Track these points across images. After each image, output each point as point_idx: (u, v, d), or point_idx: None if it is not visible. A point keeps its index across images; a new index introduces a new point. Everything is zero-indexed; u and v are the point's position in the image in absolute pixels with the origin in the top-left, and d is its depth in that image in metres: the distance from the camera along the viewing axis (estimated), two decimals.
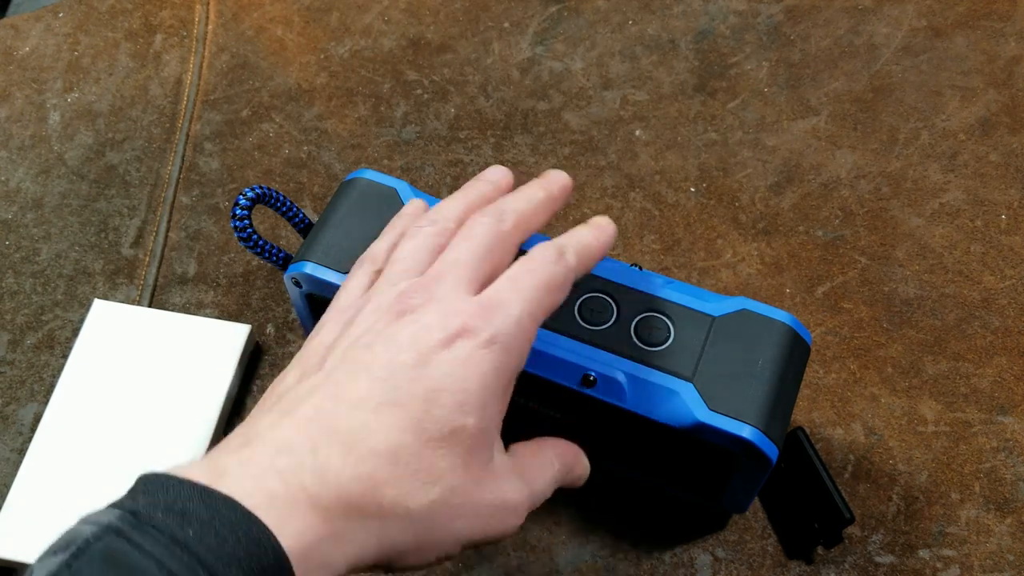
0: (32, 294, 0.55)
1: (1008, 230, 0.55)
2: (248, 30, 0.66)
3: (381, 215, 0.42)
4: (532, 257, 0.34)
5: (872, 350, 0.51)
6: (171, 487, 0.27)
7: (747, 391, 0.38)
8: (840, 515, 0.42)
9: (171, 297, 0.54)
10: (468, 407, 0.31)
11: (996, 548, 0.45)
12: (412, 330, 0.32)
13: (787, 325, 0.40)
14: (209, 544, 0.26)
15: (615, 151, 0.59)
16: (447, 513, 0.31)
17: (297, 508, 0.28)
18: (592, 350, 0.40)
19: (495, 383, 0.32)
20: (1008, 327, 0.51)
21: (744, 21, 0.65)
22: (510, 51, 0.64)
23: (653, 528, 0.46)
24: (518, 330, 0.32)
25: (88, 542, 0.25)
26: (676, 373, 0.39)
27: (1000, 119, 0.59)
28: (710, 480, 0.42)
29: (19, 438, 0.49)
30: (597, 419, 0.41)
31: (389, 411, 0.30)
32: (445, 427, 0.30)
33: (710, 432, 0.38)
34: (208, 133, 0.61)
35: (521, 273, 0.34)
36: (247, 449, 0.30)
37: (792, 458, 0.45)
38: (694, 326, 0.40)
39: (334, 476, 0.29)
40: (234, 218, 0.44)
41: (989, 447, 0.47)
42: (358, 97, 0.62)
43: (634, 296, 0.41)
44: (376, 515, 0.29)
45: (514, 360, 0.32)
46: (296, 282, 0.44)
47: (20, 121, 0.62)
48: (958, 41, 0.63)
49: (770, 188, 0.57)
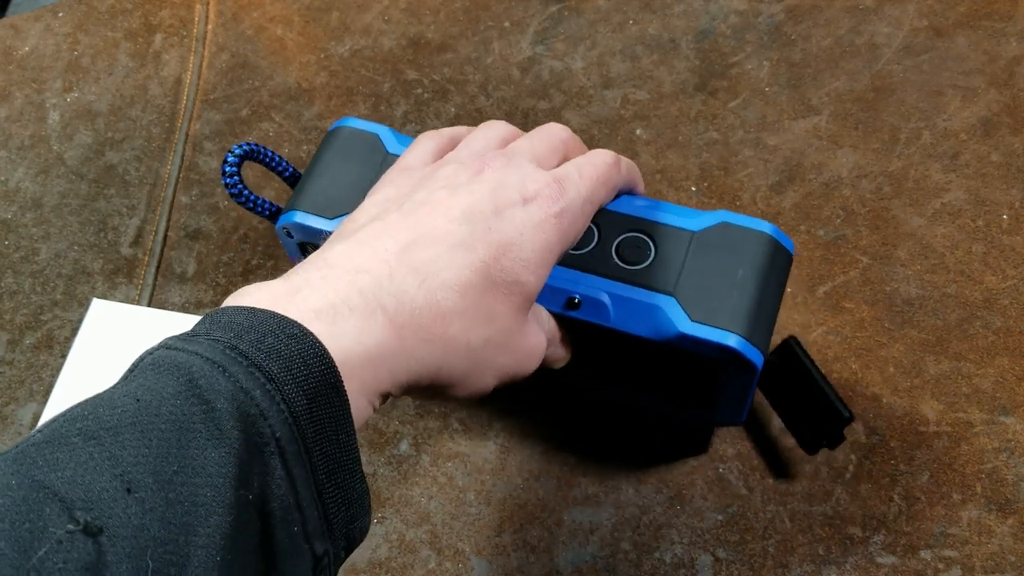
0: (31, 294, 0.54)
1: (1010, 230, 0.54)
2: (248, 29, 0.66)
3: (365, 161, 0.45)
4: (593, 153, 0.38)
5: (873, 350, 0.50)
6: (221, 311, 0.30)
7: (729, 301, 0.39)
8: (839, 414, 0.43)
9: (170, 297, 0.54)
10: (531, 265, 0.34)
11: (998, 549, 0.44)
12: (492, 186, 0.35)
13: (767, 234, 0.41)
14: (250, 340, 0.28)
15: (616, 150, 0.59)
16: (496, 350, 0.34)
17: (375, 319, 0.31)
18: (575, 273, 0.41)
19: (554, 250, 0.35)
20: (1010, 327, 0.51)
21: (745, 20, 0.65)
22: (510, 50, 0.64)
23: (653, 528, 0.46)
24: (582, 210, 0.36)
25: (142, 358, 0.28)
26: (658, 289, 0.40)
27: (1002, 119, 0.59)
28: (700, 395, 0.43)
29: (18, 438, 0.49)
30: (586, 341, 0.42)
31: (463, 252, 0.33)
32: (509, 277, 0.34)
33: (694, 343, 0.39)
34: (208, 133, 0.61)
35: (584, 164, 0.38)
36: (326, 269, 0.32)
37: (788, 367, 0.45)
38: (675, 242, 0.41)
39: (409, 300, 0.32)
40: (224, 175, 0.45)
41: (991, 448, 0.47)
42: (358, 96, 0.62)
43: (615, 218, 0.42)
44: (441, 342, 0.32)
45: (571, 236, 0.36)
46: (288, 232, 0.45)
47: (20, 121, 0.62)
48: (959, 41, 0.63)
49: (771, 187, 0.57)
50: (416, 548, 0.46)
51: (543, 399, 0.49)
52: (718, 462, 0.48)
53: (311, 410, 0.28)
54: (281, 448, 0.27)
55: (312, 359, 0.28)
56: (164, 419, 0.25)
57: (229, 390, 0.26)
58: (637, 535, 0.46)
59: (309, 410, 0.27)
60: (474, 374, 0.34)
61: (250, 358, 0.27)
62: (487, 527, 0.47)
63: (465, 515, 0.47)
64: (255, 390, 0.26)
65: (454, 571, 0.45)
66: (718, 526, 0.46)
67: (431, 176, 0.37)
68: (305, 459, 0.27)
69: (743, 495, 0.46)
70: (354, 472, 0.30)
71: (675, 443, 0.48)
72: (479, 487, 0.48)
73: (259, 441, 0.26)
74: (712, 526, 0.46)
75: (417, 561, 0.46)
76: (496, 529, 0.46)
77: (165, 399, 0.26)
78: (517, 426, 0.49)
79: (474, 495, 0.47)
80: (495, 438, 0.49)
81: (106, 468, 0.24)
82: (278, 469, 0.27)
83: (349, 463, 0.29)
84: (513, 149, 0.37)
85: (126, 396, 0.26)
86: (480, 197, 0.34)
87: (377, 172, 0.45)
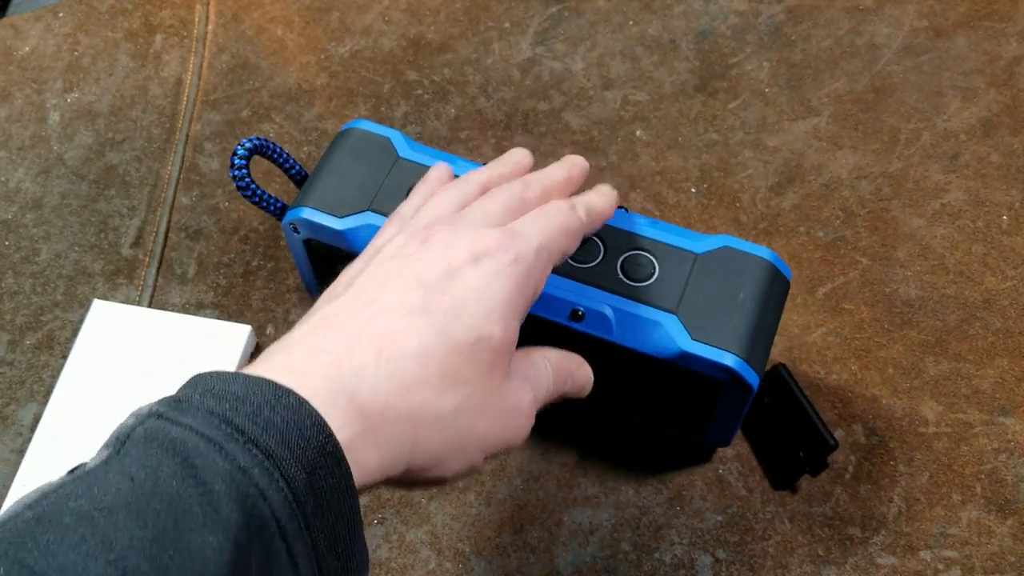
0: (32, 294, 0.54)
1: (1009, 231, 0.54)
2: (248, 30, 0.66)
3: (375, 163, 0.45)
4: (548, 205, 0.37)
5: (873, 351, 0.51)
6: (210, 377, 0.29)
7: (729, 322, 0.40)
8: (824, 442, 0.44)
9: (171, 297, 0.54)
10: (493, 318, 0.33)
11: (997, 549, 0.45)
12: (440, 250, 0.34)
13: (767, 260, 0.42)
14: (246, 413, 0.27)
15: (616, 151, 0.59)
16: (471, 416, 0.32)
17: (337, 403, 0.29)
18: (580, 287, 0.42)
19: (517, 299, 0.34)
20: (1009, 328, 0.51)
21: (745, 21, 0.65)
22: (511, 51, 0.64)
23: (653, 528, 0.46)
24: (537, 257, 0.35)
25: (132, 428, 0.27)
26: (660, 306, 0.41)
27: (1001, 119, 0.59)
28: (695, 412, 0.44)
29: (19, 439, 0.49)
30: (586, 354, 0.42)
31: (419, 318, 0.32)
32: (471, 335, 0.32)
33: (693, 361, 0.40)
34: (208, 133, 0.61)
35: (539, 214, 0.37)
36: (286, 353, 0.31)
37: (775, 393, 0.46)
38: (678, 262, 0.42)
39: (370, 376, 0.30)
40: (233, 167, 0.45)
41: (990, 448, 0.47)
42: (358, 97, 0.62)
43: (620, 235, 0.43)
44: (407, 416, 0.30)
45: (533, 283, 0.35)
46: (294, 228, 0.46)
47: (20, 121, 0.62)
48: (959, 41, 0.63)
49: (771, 188, 0.57)
50: (416, 548, 0.46)
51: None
52: (718, 463, 0.48)
53: (311, 483, 0.27)
54: (281, 528, 0.26)
55: (310, 429, 0.27)
56: (160, 500, 0.25)
57: (227, 470, 0.25)
58: (637, 536, 0.46)
59: (309, 483, 0.27)
60: (454, 448, 0.32)
61: (247, 434, 0.26)
62: (487, 527, 0.47)
63: (465, 515, 0.47)
64: (253, 468, 0.26)
65: (454, 571, 0.45)
66: (718, 527, 0.46)
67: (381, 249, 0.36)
68: (306, 535, 0.27)
69: (743, 496, 0.47)
70: (355, 538, 0.29)
71: (676, 446, 0.48)
72: (479, 488, 0.48)
73: (259, 523, 0.26)
74: (712, 527, 0.46)
75: (417, 561, 0.46)
76: (496, 530, 0.46)
77: (161, 479, 0.25)
78: None
79: (474, 496, 0.47)
80: None
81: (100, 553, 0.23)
82: (279, 551, 0.26)
83: (351, 531, 0.29)
84: (464, 215, 0.37)
85: (121, 474, 0.25)
86: (430, 262, 0.34)
87: (387, 175, 0.45)
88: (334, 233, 0.44)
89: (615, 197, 0.41)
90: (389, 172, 0.45)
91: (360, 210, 0.44)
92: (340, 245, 0.44)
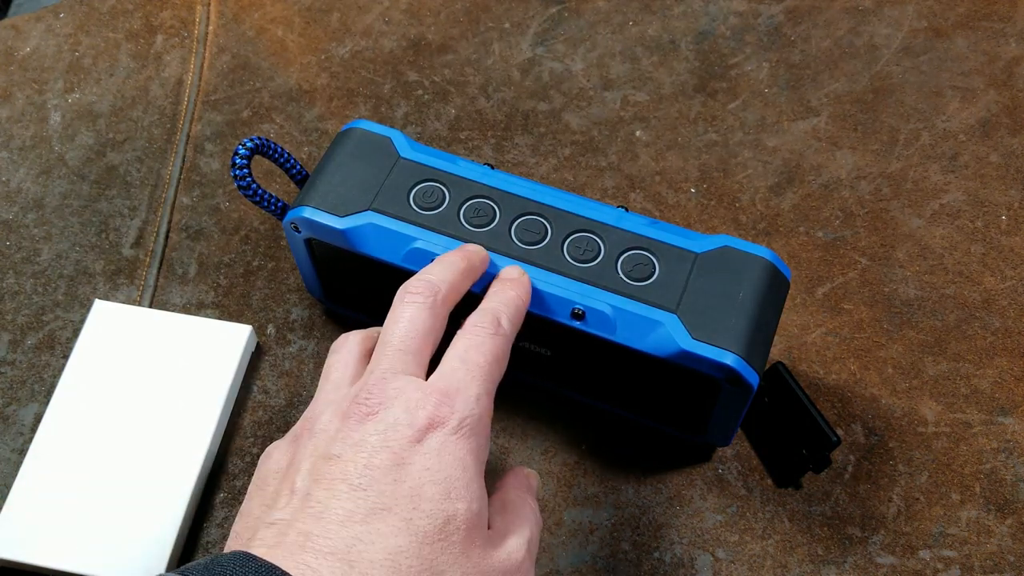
0: (33, 294, 0.55)
1: (1008, 231, 0.55)
2: (249, 31, 0.66)
3: (376, 163, 0.46)
4: (473, 332, 0.35)
5: (872, 351, 0.51)
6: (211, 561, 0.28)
7: (729, 322, 0.40)
8: (827, 438, 0.44)
9: (171, 297, 0.54)
10: (455, 493, 0.31)
11: (996, 549, 0.45)
12: (379, 429, 0.32)
13: (767, 260, 0.42)
14: None
15: (615, 152, 0.59)
16: None
17: None
18: (580, 286, 0.42)
19: (473, 464, 0.32)
20: (1008, 328, 0.51)
21: (744, 22, 0.65)
22: (511, 52, 0.64)
23: (653, 528, 0.46)
24: (479, 409, 0.33)
25: None
26: (661, 305, 0.41)
27: (1000, 120, 0.59)
28: (695, 411, 0.44)
29: (19, 438, 0.50)
30: (586, 353, 0.43)
31: (379, 518, 0.30)
32: (437, 519, 0.30)
33: (693, 360, 0.40)
34: (209, 134, 0.61)
35: (469, 351, 0.34)
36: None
37: (775, 392, 0.46)
38: (678, 262, 0.42)
39: None
40: (234, 167, 0.45)
41: (989, 448, 0.47)
42: (359, 98, 0.62)
43: (619, 235, 0.43)
44: None
45: (483, 438, 0.33)
46: (295, 227, 0.46)
47: (21, 121, 0.62)
48: (958, 42, 0.63)
49: (770, 189, 0.57)
50: None
51: (541, 390, 0.49)
52: (717, 463, 0.48)
53: None
54: None
55: None
56: None
57: None
58: (637, 535, 0.46)
59: None
60: None
61: None
62: None
63: None
64: None
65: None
66: (718, 526, 0.46)
67: (312, 431, 0.33)
68: None
69: (742, 495, 0.47)
70: None
71: (676, 446, 0.48)
72: None
73: None
74: (712, 526, 0.46)
75: None
76: None
77: None
78: (517, 426, 0.49)
79: None
80: (495, 438, 0.49)
81: None
82: None
83: None
84: (381, 371, 0.34)
85: None
86: (372, 450, 0.31)
87: (388, 174, 0.45)
88: (335, 232, 0.44)
89: (528, 280, 0.40)
90: (390, 172, 0.45)
91: (361, 209, 0.44)
92: (341, 244, 0.45)
